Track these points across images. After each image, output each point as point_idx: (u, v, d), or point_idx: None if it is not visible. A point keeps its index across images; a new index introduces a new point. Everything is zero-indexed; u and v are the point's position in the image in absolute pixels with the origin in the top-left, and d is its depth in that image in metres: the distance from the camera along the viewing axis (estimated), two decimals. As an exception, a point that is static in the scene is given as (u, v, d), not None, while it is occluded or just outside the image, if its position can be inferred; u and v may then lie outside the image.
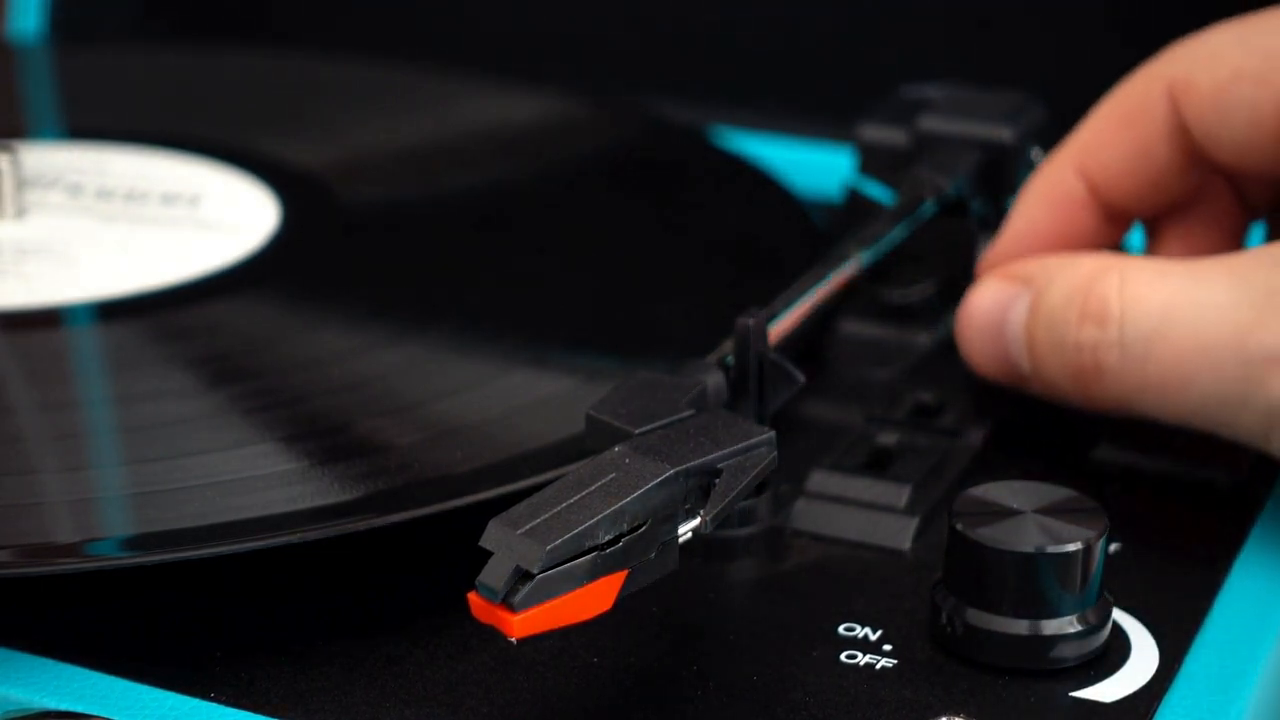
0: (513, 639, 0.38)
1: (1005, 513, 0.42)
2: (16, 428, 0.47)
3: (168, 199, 0.59)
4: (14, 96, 0.69)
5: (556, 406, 0.48)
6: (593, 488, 0.40)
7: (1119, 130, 0.51)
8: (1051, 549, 0.41)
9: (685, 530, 0.41)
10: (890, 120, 0.55)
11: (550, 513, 0.39)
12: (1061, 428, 0.51)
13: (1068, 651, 0.42)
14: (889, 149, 0.55)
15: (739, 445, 0.42)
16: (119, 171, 0.60)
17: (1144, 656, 0.42)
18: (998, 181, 0.54)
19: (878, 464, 0.48)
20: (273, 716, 0.40)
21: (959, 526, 0.42)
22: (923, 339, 0.54)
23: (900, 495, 0.47)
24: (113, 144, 0.63)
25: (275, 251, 0.55)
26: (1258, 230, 0.54)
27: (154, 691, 0.41)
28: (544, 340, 0.51)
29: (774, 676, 0.41)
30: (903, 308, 0.54)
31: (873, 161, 0.55)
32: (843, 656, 0.42)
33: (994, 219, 0.53)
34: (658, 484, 0.40)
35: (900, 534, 0.46)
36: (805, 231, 0.58)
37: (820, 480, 0.47)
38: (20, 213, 0.57)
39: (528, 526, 0.38)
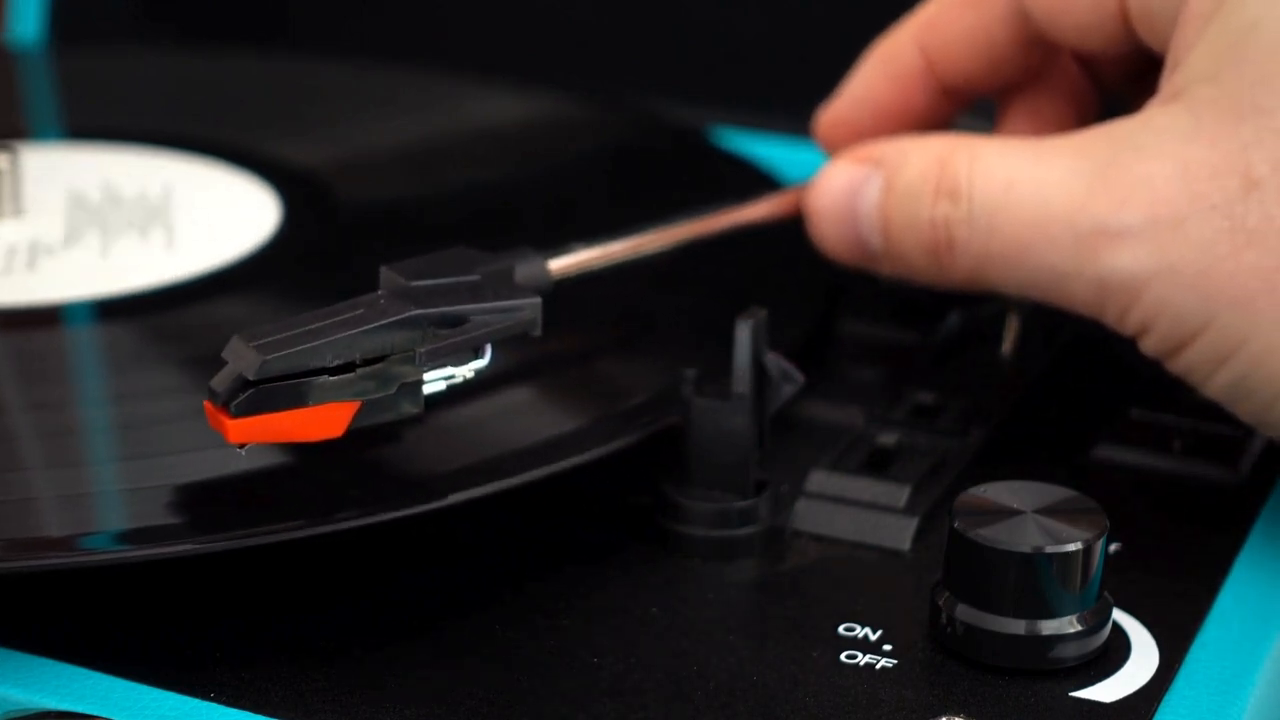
0: (232, 443, 0.40)
1: (1005, 513, 0.42)
2: (16, 427, 0.47)
3: (167, 199, 0.59)
4: (14, 97, 0.69)
5: (556, 405, 0.48)
6: (338, 319, 0.42)
7: (960, 10, 0.52)
8: (1051, 549, 0.41)
9: (435, 378, 0.42)
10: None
11: (289, 333, 0.41)
12: (1061, 428, 0.51)
13: (1067, 651, 0.42)
14: None
15: (498, 304, 0.43)
16: (119, 171, 0.60)
17: (1144, 656, 0.42)
18: None
19: (877, 464, 0.48)
20: (273, 716, 0.40)
21: (959, 526, 0.42)
22: (923, 339, 0.54)
23: (900, 495, 0.47)
24: (112, 144, 0.62)
25: (275, 251, 0.55)
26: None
27: (154, 691, 0.41)
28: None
29: (774, 676, 0.41)
30: (904, 301, 0.54)
31: None
32: (843, 656, 0.42)
33: None
34: (395, 321, 0.42)
35: (900, 534, 0.46)
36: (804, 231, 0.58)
37: (820, 480, 0.47)
38: (20, 213, 0.57)
39: (261, 341, 0.40)
